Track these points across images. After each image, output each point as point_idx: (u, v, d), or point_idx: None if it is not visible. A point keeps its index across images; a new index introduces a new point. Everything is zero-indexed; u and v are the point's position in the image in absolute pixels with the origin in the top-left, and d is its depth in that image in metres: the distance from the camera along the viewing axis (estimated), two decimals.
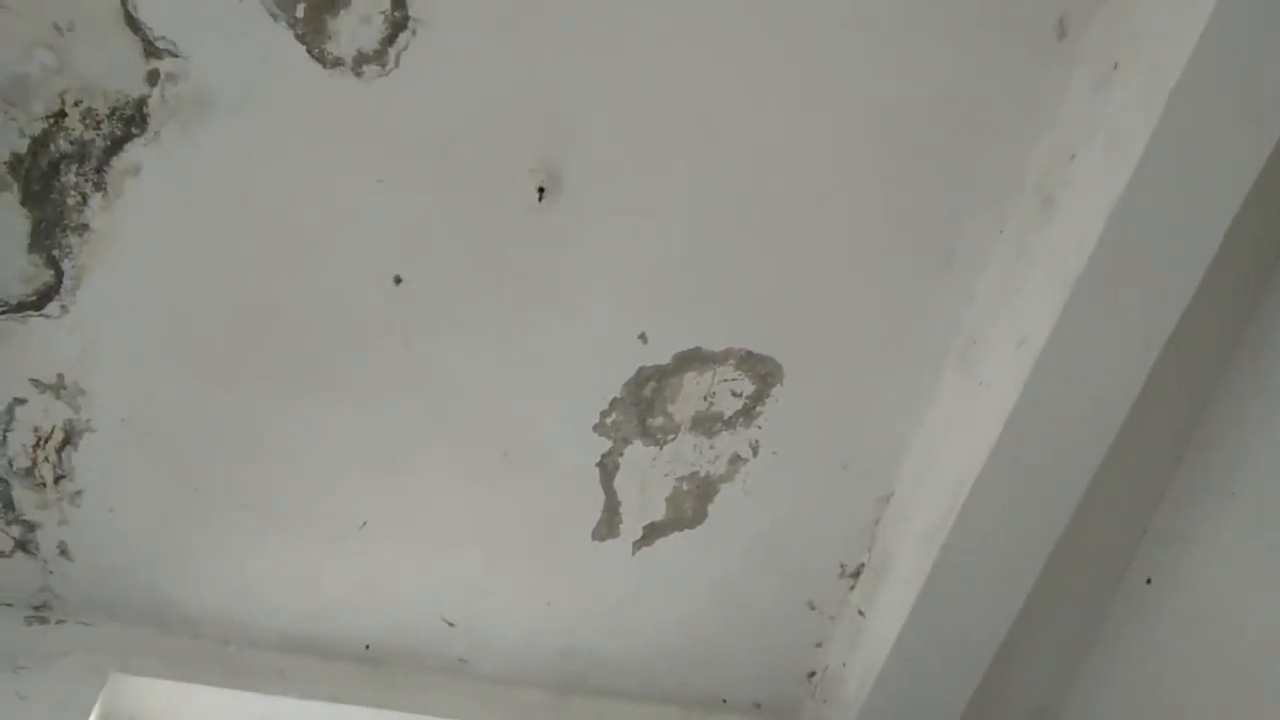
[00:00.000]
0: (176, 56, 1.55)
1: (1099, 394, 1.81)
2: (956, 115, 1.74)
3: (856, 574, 2.18)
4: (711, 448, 2.03)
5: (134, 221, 1.66)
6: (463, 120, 1.64)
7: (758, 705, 2.30)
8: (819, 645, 2.26)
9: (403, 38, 1.57)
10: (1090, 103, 1.70)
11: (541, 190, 1.68)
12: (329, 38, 1.56)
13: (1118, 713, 2.16)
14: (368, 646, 2.08)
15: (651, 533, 2.09)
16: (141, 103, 1.58)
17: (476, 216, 1.72)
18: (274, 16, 1.54)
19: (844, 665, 2.18)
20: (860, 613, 2.16)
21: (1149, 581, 2.13)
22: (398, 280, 1.76)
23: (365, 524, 1.97)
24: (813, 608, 2.21)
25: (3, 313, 1.69)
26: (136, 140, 1.60)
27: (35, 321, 1.71)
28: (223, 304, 1.74)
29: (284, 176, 1.65)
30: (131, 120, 1.59)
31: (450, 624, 2.09)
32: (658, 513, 2.07)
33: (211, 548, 1.95)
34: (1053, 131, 1.76)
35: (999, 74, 1.71)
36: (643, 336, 1.89)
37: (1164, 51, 1.58)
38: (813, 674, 2.28)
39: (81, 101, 1.57)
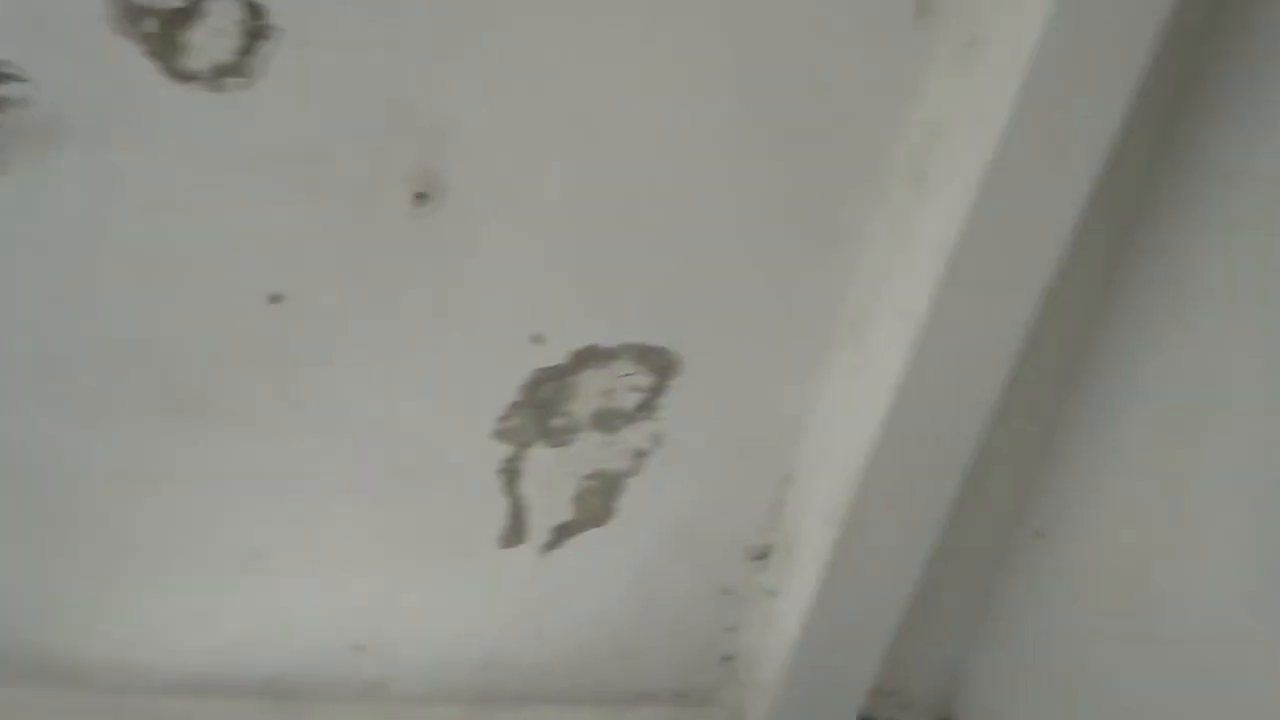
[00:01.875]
0: (20, 80, 1.46)
1: (980, 360, 1.88)
2: (828, 99, 1.78)
3: (764, 556, 2.22)
4: (615, 443, 2.03)
5: None
6: (332, 129, 1.59)
7: (678, 695, 2.32)
8: (733, 629, 2.28)
9: (262, 47, 1.51)
10: (954, 79, 1.76)
11: (420, 196, 1.65)
12: (182, 52, 1.49)
13: (1023, 661, 2.26)
14: (272, 680, 2.01)
15: (560, 534, 2.08)
16: None
17: (354, 227, 1.67)
18: (122, 33, 1.46)
19: (758, 647, 2.22)
20: (770, 593, 2.20)
21: (1039, 535, 2.23)
22: (274, 299, 1.69)
23: (259, 555, 1.90)
24: (725, 593, 2.24)
25: None
26: None
27: None
28: (89, 337, 1.65)
29: (145, 199, 1.57)
30: None
31: (359, 648, 2.04)
32: (565, 513, 2.06)
33: (98, 594, 1.85)
34: (920, 109, 1.81)
35: (864, 56, 1.75)
36: (536, 338, 1.87)
37: (1019, 23, 1.64)
38: (729, 658, 2.31)
39: None
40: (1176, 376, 1.96)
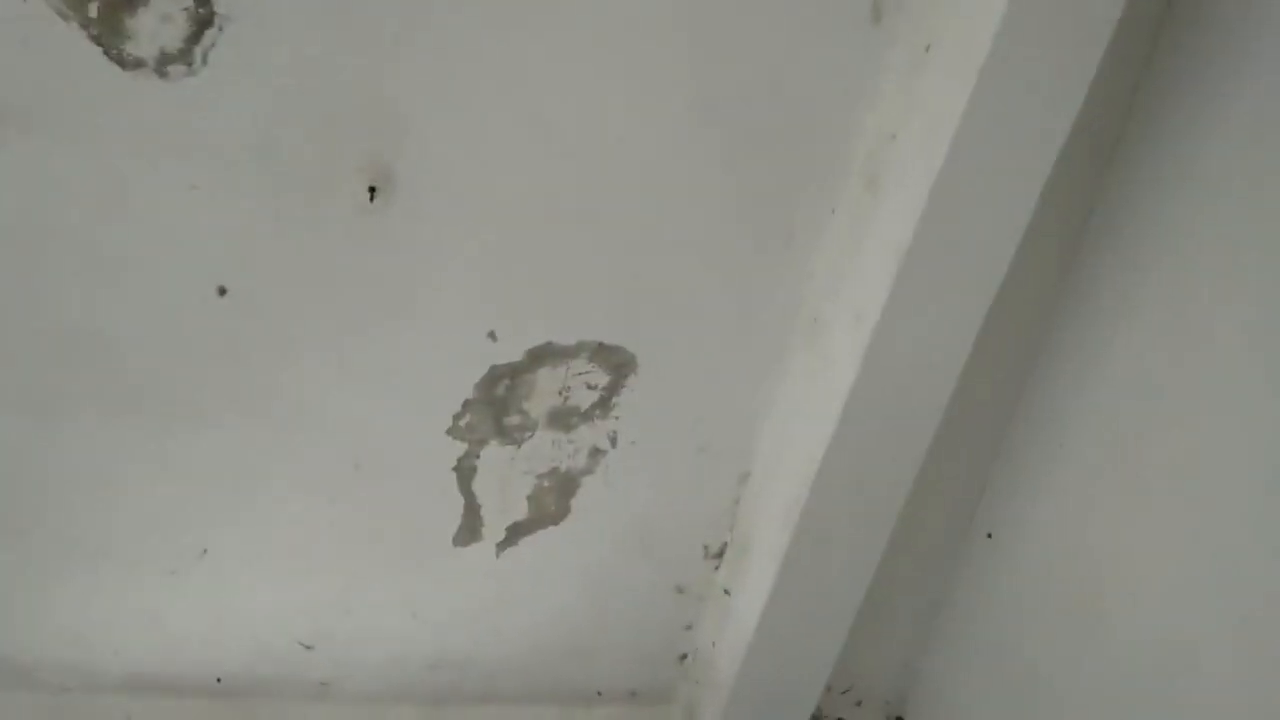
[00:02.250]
0: None
1: (932, 361, 1.90)
2: (783, 101, 1.78)
3: (720, 554, 2.22)
4: (570, 442, 2.02)
5: None
6: (282, 119, 1.57)
7: (633, 694, 2.32)
8: (689, 628, 2.29)
9: (209, 35, 1.48)
10: (907, 84, 1.77)
11: (373, 190, 1.63)
12: (128, 38, 1.46)
13: (974, 663, 2.28)
14: (219, 680, 1.98)
15: (515, 533, 2.07)
16: None
17: (304, 220, 1.65)
18: (64, 17, 1.43)
19: (714, 645, 2.22)
20: (726, 592, 2.20)
21: (990, 536, 2.25)
22: (222, 292, 1.67)
23: (206, 552, 1.87)
24: (680, 591, 2.24)
25: None
26: None
27: None
28: (31, 331, 1.62)
29: (89, 190, 1.54)
30: None
31: (308, 647, 2.01)
32: (520, 512, 2.05)
33: (40, 591, 1.81)
34: (874, 113, 1.82)
35: (820, 59, 1.76)
36: (491, 335, 1.86)
37: (970, 31, 1.66)
38: (684, 656, 2.31)
39: None
40: (1126, 378, 2.00)
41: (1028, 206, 1.79)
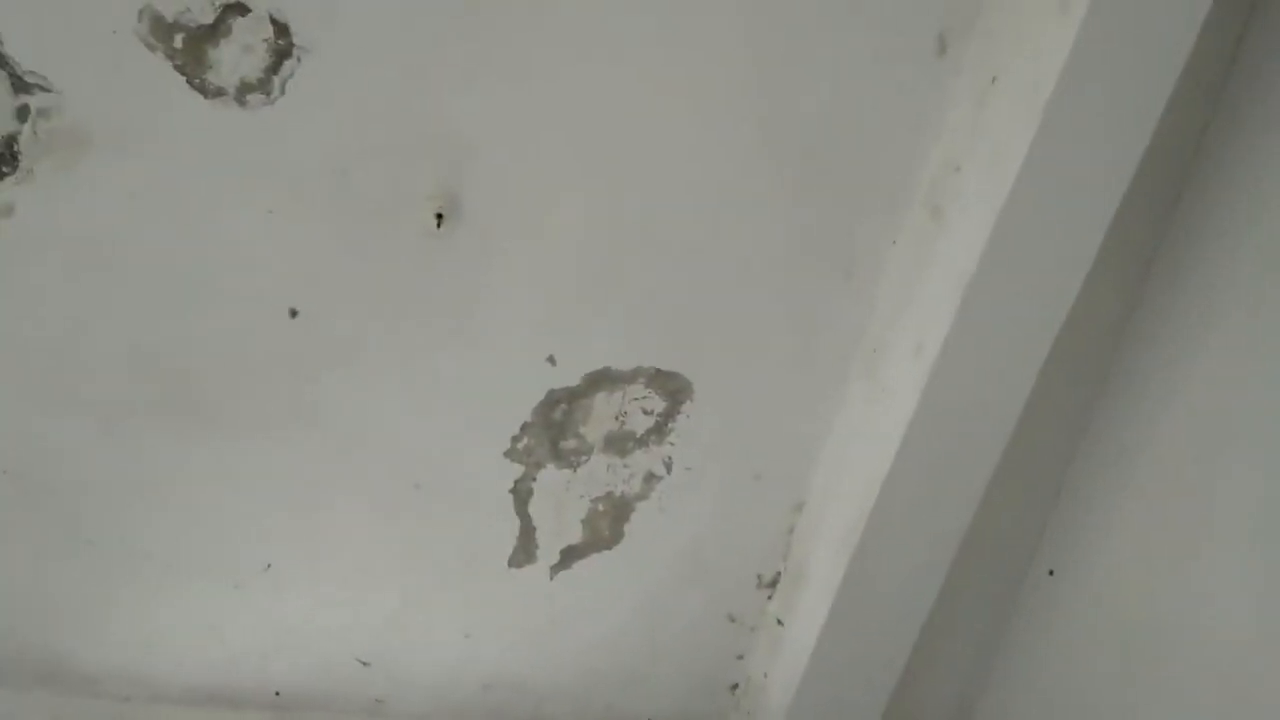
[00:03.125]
0: (48, 91, 1.49)
1: (994, 395, 1.88)
2: (847, 131, 1.79)
3: (774, 584, 2.21)
4: (625, 467, 2.02)
5: (8, 264, 1.57)
6: (355, 148, 1.61)
7: None
8: (740, 657, 2.27)
9: (287, 65, 1.53)
10: (972, 115, 1.76)
11: (440, 216, 1.66)
12: (209, 68, 1.51)
13: (1031, 702, 2.23)
14: (278, 693, 2.01)
15: (569, 556, 2.08)
16: (11, 139, 1.50)
17: (374, 245, 1.69)
18: (150, 47, 1.48)
19: (765, 675, 2.20)
20: (779, 622, 2.18)
21: (1051, 573, 2.21)
22: (293, 314, 1.71)
23: (270, 566, 1.90)
24: (733, 620, 2.23)
25: None
26: (8, 179, 1.53)
27: None
28: (110, 346, 1.67)
29: (168, 212, 1.59)
30: (1, 158, 1.51)
31: (365, 664, 2.03)
32: (574, 536, 2.06)
33: (107, 601, 1.86)
34: (939, 144, 1.81)
35: (885, 90, 1.76)
36: (551, 359, 1.87)
37: (1038, 64, 1.65)
38: (736, 686, 2.29)
39: None
40: (1193, 414, 1.95)
41: (1093, 241, 1.76)
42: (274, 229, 1.64)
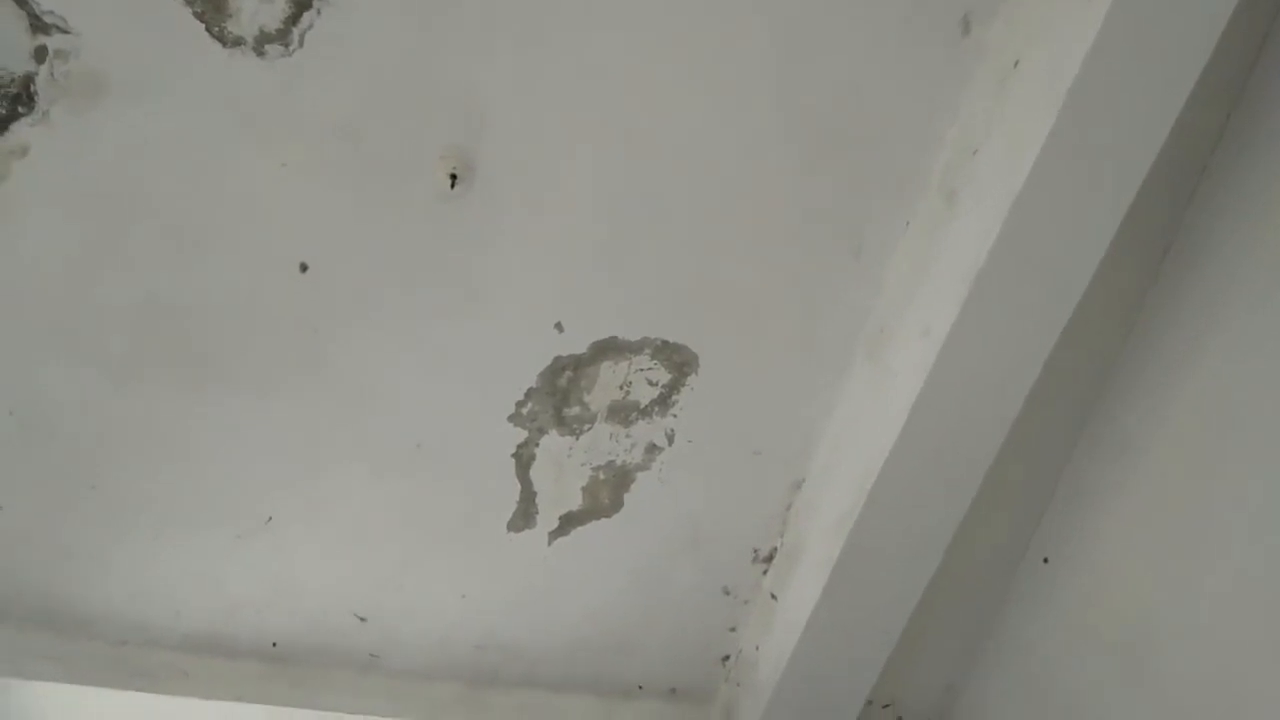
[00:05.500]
0: (66, 32, 1.48)
1: (998, 382, 1.88)
2: (865, 110, 1.78)
3: (769, 559, 2.22)
4: (628, 437, 2.03)
5: (21, 206, 1.57)
6: (371, 104, 1.61)
7: (673, 691, 2.33)
8: (733, 630, 2.29)
9: (307, 17, 1.52)
10: (992, 99, 1.75)
11: (454, 177, 1.66)
12: (229, 15, 1.51)
13: (1020, 688, 2.25)
14: (275, 644, 2.03)
15: (568, 523, 2.09)
16: (29, 80, 1.50)
17: (386, 203, 1.68)
18: None
19: (757, 649, 2.22)
20: (773, 596, 2.20)
21: (1046, 560, 2.22)
22: (304, 268, 1.71)
23: (271, 520, 1.92)
24: (727, 593, 2.24)
25: None
26: (23, 119, 1.52)
27: None
28: (119, 294, 1.67)
29: (182, 160, 1.59)
30: (18, 99, 1.51)
31: (362, 619, 2.05)
32: (574, 502, 2.07)
33: (109, 547, 1.87)
34: (956, 127, 1.80)
35: (905, 69, 1.75)
36: (558, 326, 1.88)
37: (1061, 51, 1.63)
38: (727, 658, 2.31)
39: None
40: (1195, 411, 1.95)
41: (1107, 232, 1.75)
42: (286, 183, 1.63)
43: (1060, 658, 2.15)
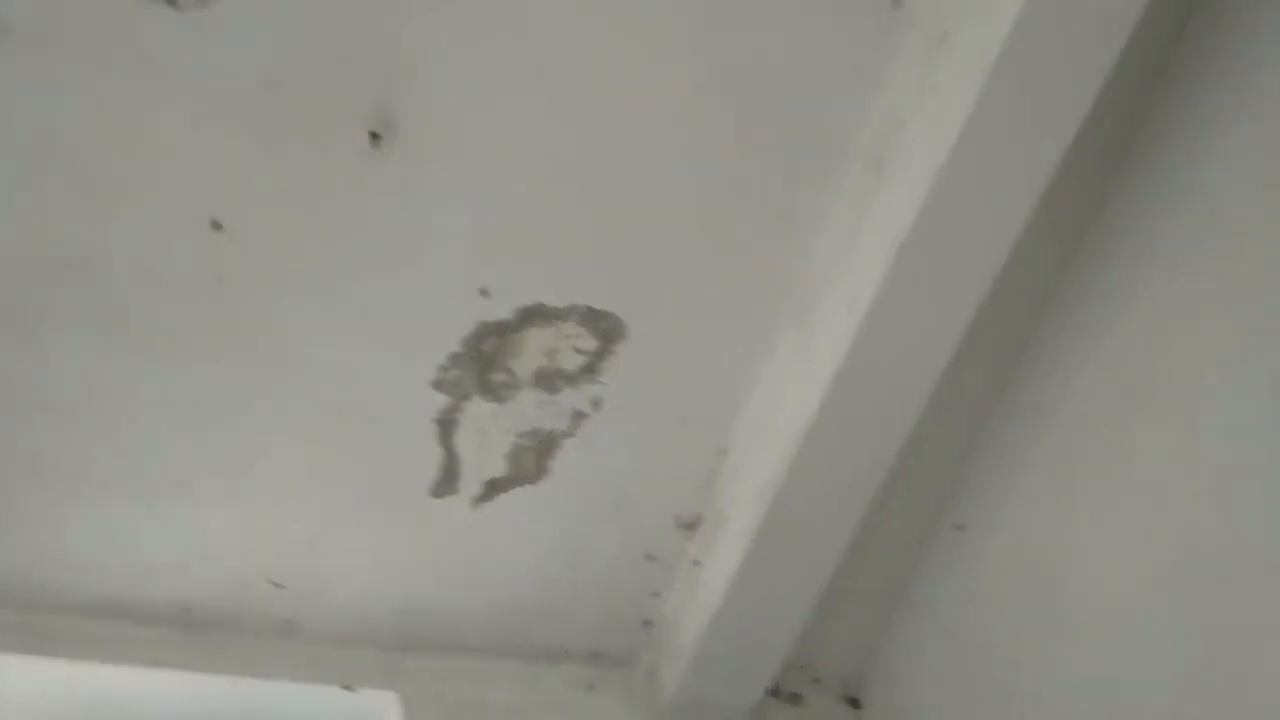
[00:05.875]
0: None
1: (919, 353, 1.91)
2: (794, 78, 1.78)
3: (692, 526, 2.24)
4: (554, 403, 2.02)
5: None
6: (290, 57, 1.55)
7: (596, 655, 2.34)
8: (656, 595, 2.31)
9: None
10: (920, 72, 1.77)
11: (375, 135, 1.62)
12: None
13: (933, 649, 2.32)
14: (188, 610, 1.99)
15: (491, 489, 2.08)
16: None
17: (304, 161, 1.63)
18: None
19: (679, 613, 2.25)
20: (695, 563, 2.22)
21: (960, 528, 2.28)
22: (216, 226, 1.65)
23: (184, 484, 1.86)
24: (651, 559, 2.26)
25: None
26: None
27: None
28: (21, 249, 1.60)
29: (89, 111, 1.52)
30: None
31: (278, 585, 2.02)
32: (498, 469, 2.06)
33: (12, 508, 1.80)
34: (885, 98, 1.81)
35: (835, 39, 1.75)
36: (483, 291, 1.85)
37: (988, 25, 1.65)
38: (650, 623, 2.33)
39: None
40: (1109, 383, 2.02)
41: (1030, 204, 1.80)
42: (199, 136, 1.57)
43: (973, 620, 2.22)
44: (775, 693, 2.38)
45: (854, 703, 2.49)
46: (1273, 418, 1.73)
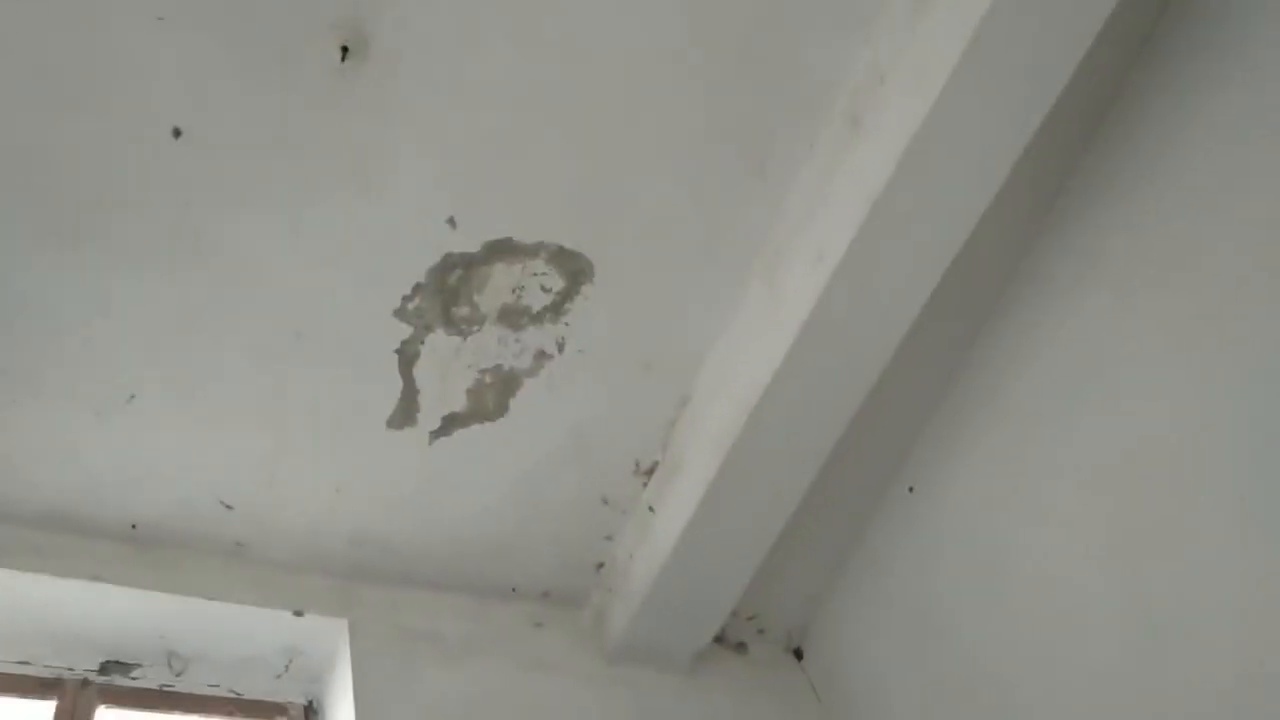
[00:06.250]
0: None
1: (884, 310, 1.91)
2: (777, 28, 1.75)
3: (650, 472, 2.25)
4: (517, 341, 2.01)
5: None
6: None
7: (547, 594, 2.36)
8: (609, 538, 2.32)
9: None
10: (904, 28, 1.75)
11: (345, 50, 1.57)
12: None
13: (877, 604, 2.36)
14: (134, 526, 1.97)
15: (450, 424, 2.06)
16: None
17: (272, 71, 1.59)
18: None
19: (631, 558, 2.26)
20: (650, 509, 2.23)
21: (911, 490, 2.31)
22: (177, 133, 1.61)
23: (134, 397, 1.83)
24: (605, 503, 2.27)
25: None
26: None
27: None
28: None
29: (51, 4, 1.46)
30: None
31: (228, 507, 2.00)
32: (458, 404, 2.05)
33: None
34: (867, 52, 1.79)
35: None
36: (451, 221, 1.83)
37: None
38: (601, 565, 2.35)
39: None
40: (1066, 355, 2.04)
41: (1004, 168, 1.79)
42: (162, 38, 1.52)
43: (919, 578, 2.26)
44: (721, 640, 2.41)
45: (798, 654, 2.53)
46: (1217, 407, 1.76)
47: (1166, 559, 1.78)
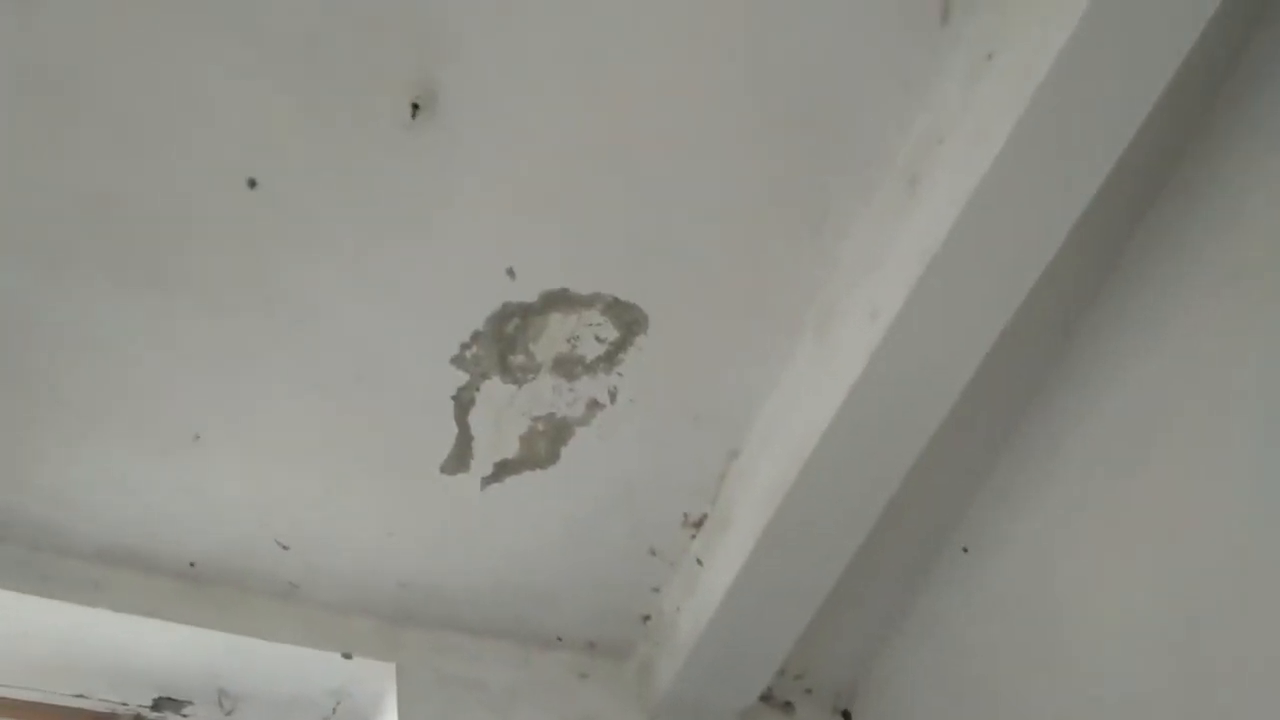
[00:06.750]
0: None
1: (938, 371, 1.90)
2: (837, 87, 1.77)
3: (698, 524, 2.24)
4: (570, 390, 2.03)
5: None
6: (337, 17, 1.55)
7: (592, 644, 2.35)
8: (656, 590, 2.31)
9: None
10: (963, 90, 1.76)
11: (415, 106, 1.62)
12: None
13: (928, 672, 2.31)
14: (193, 564, 2.00)
15: (502, 470, 2.08)
16: None
17: (343, 124, 1.64)
18: None
19: (678, 610, 2.25)
20: (699, 561, 2.22)
21: (965, 550, 2.27)
22: (252, 184, 1.67)
23: (199, 437, 1.88)
24: (653, 554, 2.26)
25: None
26: None
27: None
28: (55, 189, 1.61)
29: (131, 56, 1.53)
30: None
31: (284, 547, 2.03)
32: (510, 451, 2.07)
33: (25, 446, 1.82)
34: (926, 113, 1.81)
35: (881, 49, 1.75)
36: (510, 272, 1.86)
37: (1035, 48, 1.64)
38: (648, 617, 2.33)
39: None
40: (1127, 417, 2.00)
41: (1061, 231, 1.78)
42: (239, 90, 1.58)
43: (971, 643, 2.21)
44: (767, 699, 2.38)
45: (845, 715, 2.48)
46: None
47: (1230, 627, 1.73)
